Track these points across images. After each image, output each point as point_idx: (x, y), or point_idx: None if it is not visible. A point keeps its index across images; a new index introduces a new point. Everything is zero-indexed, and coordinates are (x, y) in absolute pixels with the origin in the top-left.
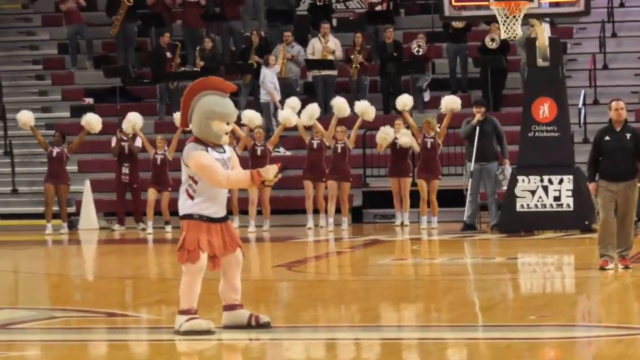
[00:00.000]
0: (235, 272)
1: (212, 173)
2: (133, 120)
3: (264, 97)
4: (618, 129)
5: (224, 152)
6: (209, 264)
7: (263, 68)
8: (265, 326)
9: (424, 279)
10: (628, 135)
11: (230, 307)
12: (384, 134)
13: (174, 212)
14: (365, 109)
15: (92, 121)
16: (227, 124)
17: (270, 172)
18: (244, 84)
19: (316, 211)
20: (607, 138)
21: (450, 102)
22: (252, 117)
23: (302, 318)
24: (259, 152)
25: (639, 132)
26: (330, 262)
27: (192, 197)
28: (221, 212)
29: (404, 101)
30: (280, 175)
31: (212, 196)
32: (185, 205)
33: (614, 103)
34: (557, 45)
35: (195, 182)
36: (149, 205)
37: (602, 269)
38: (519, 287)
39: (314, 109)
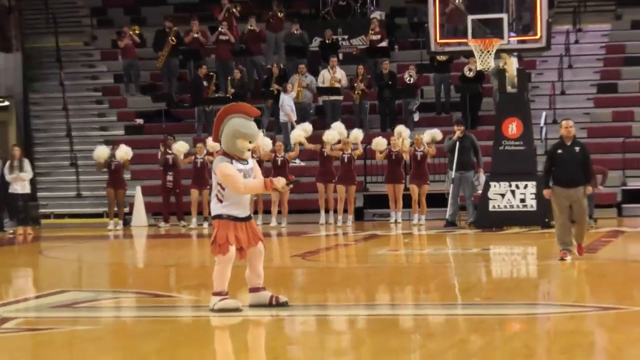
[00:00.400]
0: (258, 261)
1: (233, 181)
2: (179, 147)
3: (283, 118)
4: (568, 144)
5: (247, 163)
6: (236, 255)
7: (282, 94)
8: (283, 305)
9: (414, 266)
10: (577, 148)
11: (254, 290)
12: (379, 145)
13: None
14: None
15: (123, 155)
16: (250, 142)
17: (280, 182)
18: (266, 107)
19: (326, 210)
20: (559, 151)
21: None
22: (264, 143)
23: (315, 298)
24: (279, 163)
25: (586, 146)
26: (338, 253)
27: (220, 201)
28: (245, 213)
29: (400, 131)
30: (291, 186)
31: (237, 200)
32: (216, 207)
33: (564, 122)
34: (523, 75)
35: (223, 188)
36: (192, 204)
37: (562, 259)
38: (491, 273)
39: (340, 128)
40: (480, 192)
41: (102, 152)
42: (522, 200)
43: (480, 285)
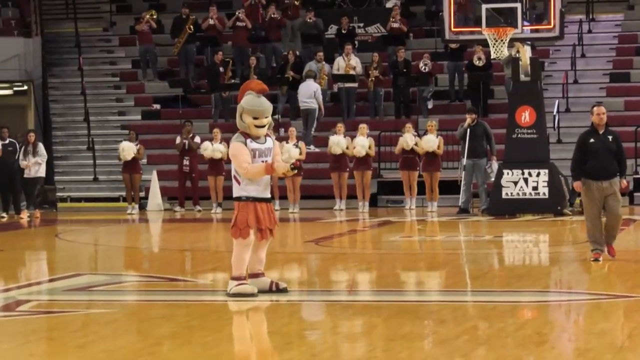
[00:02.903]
0: (263, 247)
1: (238, 162)
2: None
3: (310, 104)
4: (601, 132)
5: (264, 142)
6: (257, 235)
7: (311, 82)
8: (283, 291)
9: (427, 253)
10: (610, 137)
11: (254, 275)
12: (404, 141)
13: (227, 196)
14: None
15: (126, 149)
16: (255, 117)
17: (281, 169)
18: (282, 94)
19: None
20: (591, 140)
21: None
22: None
23: (328, 283)
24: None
25: (619, 135)
26: (351, 239)
27: (238, 181)
28: (265, 193)
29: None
30: (295, 171)
31: (255, 179)
32: (235, 189)
33: (595, 108)
34: (537, 64)
35: None
36: (211, 190)
37: (595, 260)
38: (504, 260)
39: (339, 141)
40: (493, 179)
41: (128, 149)
42: (535, 188)
43: (493, 272)
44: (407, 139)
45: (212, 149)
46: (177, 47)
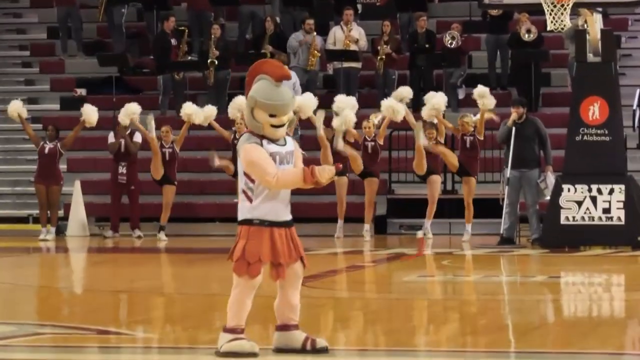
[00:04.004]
0: (294, 287)
1: (261, 171)
2: (132, 110)
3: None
4: None
5: (285, 144)
6: (272, 273)
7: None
8: (322, 351)
9: (454, 299)
10: None
11: (283, 327)
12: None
13: (175, 217)
14: (392, 107)
15: (91, 113)
16: (272, 115)
17: (327, 174)
18: None
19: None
20: None
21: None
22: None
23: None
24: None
25: None
26: (349, 278)
27: (250, 199)
28: (286, 215)
29: (438, 103)
30: (335, 177)
31: (273, 195)
32: (244, 209)
33: None
34: (610, 39)
35: (252, 181)
36: (164, 206)
37: None
38: (562, 310)
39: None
40: (547, 198)
41: (17, 107)
42: (606, 211)
43: (546, 327)
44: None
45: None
46: (101, 7)
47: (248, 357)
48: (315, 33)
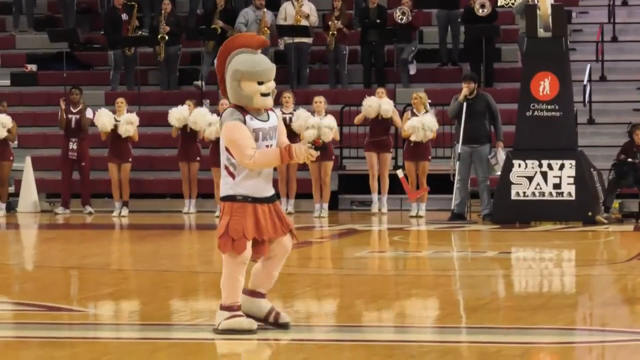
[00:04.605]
0: (279, 260)
1: (239, 152)
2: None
3: None
4: None
5: (267, 119)
6: (253, 252)
7: None
8: (283, 326)
9: (405, 275)
10: None
11: (252, 293)
12: (368, 105)
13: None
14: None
15: (106, 122)
16: (259, 82)
17: (304, 152)
18: (207, 52)
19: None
20: None
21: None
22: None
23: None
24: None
25: None
26: (302, 254)
27: (232, 175)
28: (268, 191)
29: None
30: (318, 153)
31: (256, 172)
32: (226, 185)
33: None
34: (561, 14)
35: (234, 156)
36: (113, 183)
37: None
38: (512, 286)
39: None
40: (498, 173)
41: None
42: (557, 186)
43: (497, 302)
44: (380, 105)
45: (122, 123)
46: None
47: (247, 334)
48: (265, 9)
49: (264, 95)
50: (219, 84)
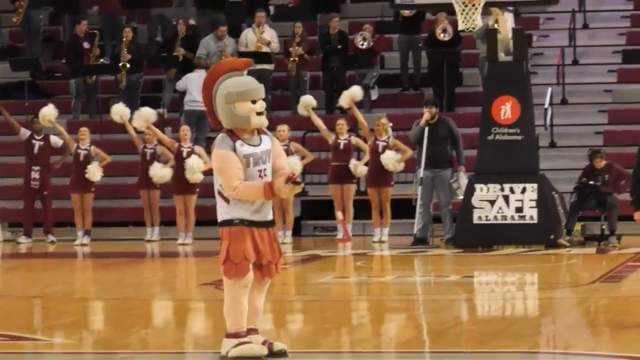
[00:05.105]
0: (260, 291)
1: (225, 181)
2: (47, 113)
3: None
4: None
5: (260, 143)
6: (257, 274)
7: (203, 73)
8: (280, 355)
9: (368, 300)
10: None
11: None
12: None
13: (99, 222)
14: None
15: (96, 172)
16: (253, 102)
17: (285, 189)
18: (169, 79)
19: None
20: None
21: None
22: (147, 115)
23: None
24: (184, 154)
25: None
26: None
27: (227, 200)
28: (266, 215)
29: (354, 94)
30: (299, 188)
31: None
32: (221, 209)
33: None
34: (522, 38)
35: None
36: (76, 212)
37: None
38: (476, 310)
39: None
40: (460, 197)
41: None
42: (519, 210)
43: (460, 326)
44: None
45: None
46: (20, 13)
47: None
48: (227, 38)
49: (259, 114)
50: (209, 116)
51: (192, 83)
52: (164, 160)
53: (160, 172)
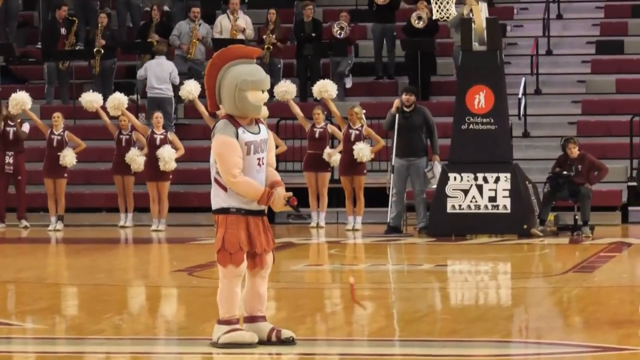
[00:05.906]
0: (263, 277)
1: (225, 169)
2: (20, 99)
3: (165, 92)
4: None
5: (259, 131)
6: (249, 264)
7: (162, 60)
8: (288, 342)
9: (341, 288)
10: None
11: (251, 319)
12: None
13: (72, 208)
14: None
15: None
16: (262, 91)
17: (280, 203)
18: (142, 65)
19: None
20: None
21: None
22: (120, 100)
23: (204, 330)
24: (157, 142)
25: None
26: None
27: (224, 188)
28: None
29: (325, 87)
30: (290, 209)
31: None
32: (218, 198)
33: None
34: (496, 27)
35: None
36: (49, 197)
37: None
38: (449, 298)
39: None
40: (434, 186)
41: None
42: (492, 199)
43: (433, 315)
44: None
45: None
46: None
47: (248, 347)
48: (200, 21)
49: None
50: (208, 99)
51: (151, 70)
52: (140, 147)
53: (139, 159)
